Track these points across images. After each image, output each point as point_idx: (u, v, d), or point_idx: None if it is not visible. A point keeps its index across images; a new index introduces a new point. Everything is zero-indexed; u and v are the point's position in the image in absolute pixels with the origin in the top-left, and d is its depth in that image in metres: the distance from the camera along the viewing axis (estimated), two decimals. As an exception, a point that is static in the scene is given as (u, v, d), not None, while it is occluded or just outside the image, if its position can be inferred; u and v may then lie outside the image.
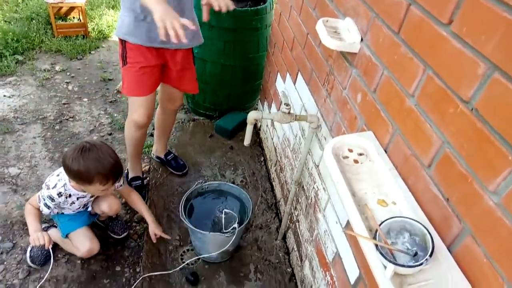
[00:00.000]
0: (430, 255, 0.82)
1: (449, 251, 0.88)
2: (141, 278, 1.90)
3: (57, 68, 3.48)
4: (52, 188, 1.76)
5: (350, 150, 1.18)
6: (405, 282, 0.87)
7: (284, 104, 1.54)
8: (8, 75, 3.25)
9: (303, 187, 1.94)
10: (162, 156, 2.56)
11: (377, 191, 1.06)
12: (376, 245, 0.87)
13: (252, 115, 1.57)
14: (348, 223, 1.42)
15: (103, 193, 1.83)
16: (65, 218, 1.92)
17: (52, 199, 1.76)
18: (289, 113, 1.56)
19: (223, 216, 1.98)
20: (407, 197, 1.00)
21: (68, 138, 2.75)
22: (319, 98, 1.69)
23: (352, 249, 1.39)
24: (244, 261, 2.14)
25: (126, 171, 2.45)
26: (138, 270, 2.03)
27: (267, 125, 2.74)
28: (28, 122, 2.82)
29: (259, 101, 3.11)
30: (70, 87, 3.27)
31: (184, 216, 1.96)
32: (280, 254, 2.19)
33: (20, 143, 2.63)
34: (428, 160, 0.96)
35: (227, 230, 1.93)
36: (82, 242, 1.90)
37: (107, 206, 1.97)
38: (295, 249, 2.08)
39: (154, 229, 2.00)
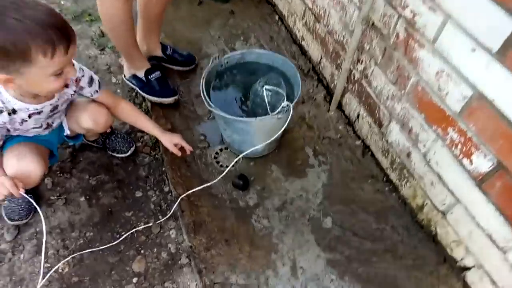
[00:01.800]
0: None
1: None
2: (180, 199, 1.37)
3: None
4: None
5: None
6: None
7: None
8: None
9: (373, 24, 1.32)
10: (159, 54, 1.80)
11: None
12: None
13: None
14: (507, 42, 0.86)
15: (62, 81, 1.04)
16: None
17: None
18: None
19: (266, 93, 1.39)
20: None
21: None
22: None
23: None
24: (296, 146, 1.63)
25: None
26: (166, 189, 1.50)
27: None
28: None
29: None
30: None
31: (209, 102, 1.36)
32: (340, 127, 1.68)
33: None
34: None
35: (278, 111, 1.36)
36: (10, 160, 1.17)
37: (91, 119, 1.30)
38: (364, 115, 1.55)
39: (170, 139, 1.40)
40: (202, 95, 1.37)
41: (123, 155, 1.57)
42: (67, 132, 1.34)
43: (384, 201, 1.46)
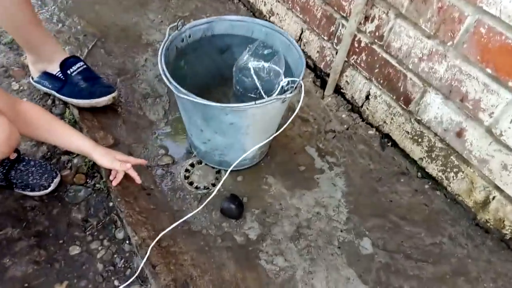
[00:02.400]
0: None
1: None
2: (149, 250, 0.85)
3: None
4: None
5: None
6: None
7: None
8: None
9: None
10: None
11: None
12: None
13: None
14: None
15: None
16: None
17: None
18: None
19: (254, 68, 0.94)
20: None
21: None
22: None
23: None
24: (293, 146, 1.20)
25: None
26: (120, 236, 0.95)
27: None
28: None
29: None
30: None
31: (175, 86, 0.87)
32: (343, 115, 1.29)
33: None
34: None
35: (280, 90, 0.93)
36: None
37: None
38: (378, 93, 1.18)
39: (109, 154, 0.94)
40: (164, 77, 0.89)
41: (41, 193, 1.00)
42: None
43: (429, 204, 1.08)
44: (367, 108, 1.25)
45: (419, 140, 1.11)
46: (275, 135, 1.00)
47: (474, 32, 0.86)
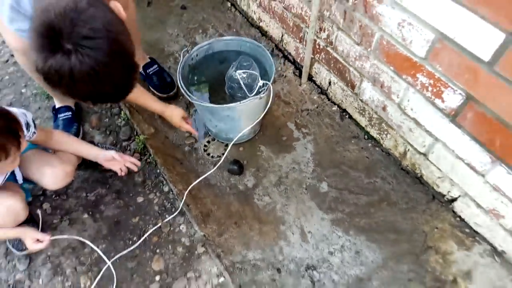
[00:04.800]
0: None
1: None
2: (185, 194, 1.42)
3: None
4: None
5: None
6: None
7: None
8: None
9: (330, -9, 1.40)
10: (139, 68, 1.75)
11: None
12: None
13: None
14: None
15: (17, 163, 1.10)
16: None
17: None
18: None
19: (239, 77, 1.44)
20: None
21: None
22: None
23: (479, 13, 0.95)
24: (277, 123, 1.70)
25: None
26: (166, 189, 1.53)
27: (220, -45, 2.00)
28: None
29: None
30: None
31: (189, 95, 1.39)
32: (315, 97, 1.76)
33: None
34: None
35: (256, 91, 1.43)
36: None
37: (51, 181, 1.29)
38: (335, 81, 1.65)
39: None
40: (182, 89, 1.41)
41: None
42: (20, 181, 1.27)
43: (370, 156, 1.57)
44: (330, 91, 1.72)
45: (363, 113, 1.58)
46: (259, 119, 1.50)
47: (380, 43, 1.31)
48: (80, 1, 0.81)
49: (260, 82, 1.44)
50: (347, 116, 1.69)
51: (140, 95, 1.44)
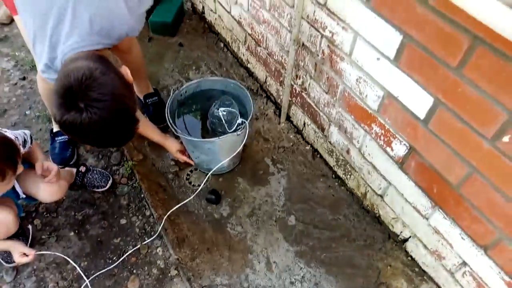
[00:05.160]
0: None
1: None
2: (164, 219, 1.56)
3: None
4: None
5: None
6: None
7: None
8: None
9: (303, 44, 1.58)
10: (140, 96, 1.99)
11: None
12: None
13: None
14: (398, 52, 1.13)
15: (10, 185, 1.27)
16: None
17: None
18: None
19: (222, 114, 1.61)
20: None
21: (-28, 103, 2.07)
22: None
23: (414, 78, 1.12)
24: (256, 158, 1.86)
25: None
26: (148, 213, 1.67)
27: (214, 1, 2.22)
28: None
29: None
30: None
31: (176, 130, 1.56)
32: (291, 136, 1.93)
33: None
34: None
35: (235, 128, 1.59)
36: None
37: (47, 195, 1.46)
38: (308, 123, 1.81)
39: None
40: (168, 123, 1.57)
41: (102, 189, 1.73)
42: (22, 195, 1.43)
43: (336, 195, 1.71)
44: (305, 132, 1.88)
45: (331, 154, 1.74)
46: (235, 153, 1.65)
47: (343, 94, 1.48)
48: (95, 70, 1.04)
49: (239, 120, 1.61)
50: (318, 156, 1.84)
51: (144, 127, 1.63)
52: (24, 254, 1.34)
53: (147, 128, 1.67)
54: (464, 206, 1.17)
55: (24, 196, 1.44)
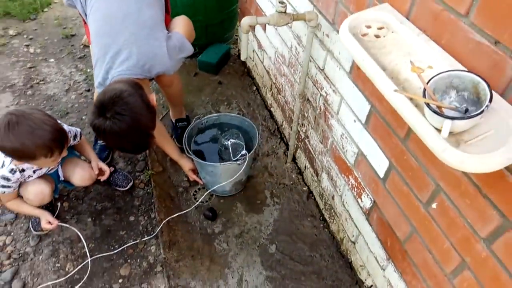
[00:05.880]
0: (490, 100, 0.74)
1: (504, 98, 0.80)
2: (163, 222, 1.83)
3: (11, 32, 3.15)
4: (2, 167, 1.57)
5: (368, 27, 1.06)
6: (461, 140, 0.80)
7: (279, 2, 1.39)
8: (-40, 48, 2.94)
9: (308, 99, 1.83)
10: (173, 120, 2.34)
11: (409, 60, 0.95)
12: (428, 105, 0.78)
13: (245, 22, 1.42)
14: (367, 118, 1.34)
15: (56, 163, 1.64)
16: None
17: (7, 179, 1.58)
18: (285, 12, 1.41)
19: (229, 144, 1.88)
20: (444, 57, 0.91)
21: (45, 102, 2.54)
22: (313, -7, 1.54)
23: (377, 142, 1.32)
24: (258, 189, 2.09)
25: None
26: (153, 216, 1.95)
27: (253, 51, 2.56)
28: (-5, 92, 2.58)
29: (239, 29, 2.91)
30: (31, 50, 2.98)
31: (189, 152, 1.86)
32: (293, 175, 2.14)
33: (-7, 115, 2.42)
34: (465, 8, 0.85)
35: (237, 158, 1.85)
36: (31, 184, 1.67)
37: (79, 179, 1.81)
38: (308, 166, 2.02)
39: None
40: (184, 145, 1.88)
41: (123, 189, 2.05)
42: (62, 177, 1.83)
43: (318, 235, 1.87)
44: (305, 174, 2.08)
45: (322, 197, 1.92)
46: (233, 178, 1.89)
47: (332, 146, 1.68)
48: (124, 92, 1.41)
49: (243, 151, 1.87)
50: (312, 197, 2.02)
51: (165, 143, 1.97)
52: (49, 222, 1.67)
53: (168, 145, 1.99)
54: (407, 262, 1.30)
55: (63, 179, 1.81)
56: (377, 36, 1.04)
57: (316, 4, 1.54)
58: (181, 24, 1.89)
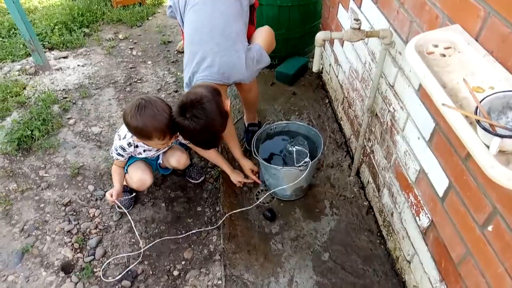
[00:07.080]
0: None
1: None
2: (226, 216, 1.99)
3: (120, 36, 3.65)
4: (123, 138, 1.88)
5: (435, 46, 1.10)
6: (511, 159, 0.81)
7: (354, 20, 1.46)
8: (79, 47, 3.47)
9: (376, 114, 1.86)
10: (246, 124, 2.53)
11: (471, 79, 0.97)
12: (478, 122, 0.80)
13: (320, 36, 1.52)
14: (431, 135, 1.35)
15: (164, 146, 1.92)
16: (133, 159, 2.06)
17: (124, 149, 1.90)
18: (359, 29, 1.48)
19: (294, 150, 1.98)
20: (507, 78, 0.91)
21: (139, 99, 2.91)
22: (390, 12, 1.58)
23: (438, 160, 1.32)
24: (318, 197, 2.15)
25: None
26: (217, 209, 2.12)
27: (329, 65, 2.64)
28: (101, 86, 3.01)
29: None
30: (134, 52, 3.42)
31: (256, 153, 1.99)
32: (355, 189, 2.16)
33: (98, 105, 2.83)
34: (533, 31, 0.86)
35: (300, 164, 1.94)
36: (134, 172, 1.99)
37: (176, 161, 2.09)
38: (371, 181, 2.03)
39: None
40: (252, 147, 2.02)
41: (195, 182, 2.26)
42: (160, 161, 2.12)
43: (373, 250, 1.87)
44: (367, 189, 2.09)
45: (381, 213, 1.91)
46: (294, 183, 1.98)
47: (395, 162, 1.69)
48: (204, 97, 1.62)
49: (306, 159, 1.95)
50: (372, 213, 2.02)
51: (231, 142, 2.15)
52: (111, 196, 1.93)
53: (233, 145, 2.16)
54: (460, 285, 1.27)
55: (160, 161, 2.13)
56: (442, 55, 1.07)
57: (392, 22, 1.58)
58: (263, 35, 2.06)
